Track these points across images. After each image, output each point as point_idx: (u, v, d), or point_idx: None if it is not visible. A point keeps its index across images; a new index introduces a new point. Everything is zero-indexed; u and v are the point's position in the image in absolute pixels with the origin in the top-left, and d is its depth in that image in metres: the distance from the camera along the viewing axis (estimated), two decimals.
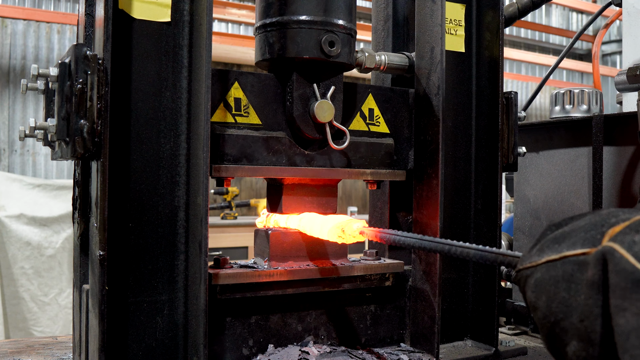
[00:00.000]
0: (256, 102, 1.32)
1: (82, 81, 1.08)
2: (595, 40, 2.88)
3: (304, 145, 1.36)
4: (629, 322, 0.54)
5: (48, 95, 1.26)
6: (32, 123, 1.17)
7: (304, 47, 1.29)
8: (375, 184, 1.48)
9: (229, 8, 7.42)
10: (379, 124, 1.48)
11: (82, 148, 1.08)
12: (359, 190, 8.28)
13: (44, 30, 6.44)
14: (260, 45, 1.34)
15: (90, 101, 1.08)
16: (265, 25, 1.32)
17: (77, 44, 1.10)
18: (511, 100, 1.52)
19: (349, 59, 1.35)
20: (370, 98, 1.47)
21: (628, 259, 0.55)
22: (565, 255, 0.61)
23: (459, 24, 1.55)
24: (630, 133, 1.90)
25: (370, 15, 1.71)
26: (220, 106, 1.28)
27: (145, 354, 1.20)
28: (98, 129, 1.08)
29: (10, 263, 4.15)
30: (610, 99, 9.16)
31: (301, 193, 1.40)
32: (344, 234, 1.22)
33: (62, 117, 1.10)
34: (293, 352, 1.32)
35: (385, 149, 1.46)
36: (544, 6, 10.51)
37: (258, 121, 1.32)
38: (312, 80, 1.33)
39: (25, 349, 1.48)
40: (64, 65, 1.11)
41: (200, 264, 1.16)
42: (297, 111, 1.32)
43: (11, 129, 6.28)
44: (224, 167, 1.26)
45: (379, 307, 1.48)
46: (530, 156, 2.01)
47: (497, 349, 1.48)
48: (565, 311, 0.59)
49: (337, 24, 1.31)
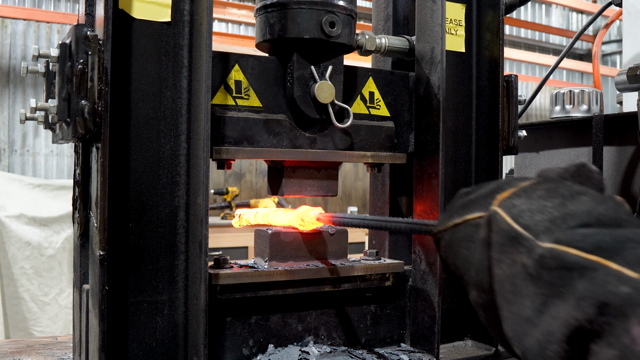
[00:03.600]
0: (257, 84, 1.32)
1: (83, 62, 1.07)
2: (596, 40, 2.88)
3: (305, 128, 1.36)
4: (504, 272, 0.63)
5: (49, 77, 1.26)
6: (32, 104, 1.16)
7: (305, 27, 1.28)
8: (376, 167, 1.48)
9: (229, 8, 7.43)
10: (379, 107, 1.48)
11: (83, 128, 1.07)
12: (359, 190, 8.28)
13: (44, 30, 6.44)
14: (261, 27, 1.34)
15: (91, 81, 1.07)
16: (265, 7, 1.32)
17: (77, 24, 1.10)
18: (511, 84, 1.52)
19: (350, 40, 1.35)
20: (370, 81, 1.47)
21: (506, 220, 0.64)
22: (466, 219, 0.71)
23: (459, 23, 1.55)
24: (630, 133, 1.90)
25: (370, 15, 1.71)
26: (220, 89, 1.28)
27: (146, 354, 1.20)
28: (99, 110, 1.08)
29: (10, 263, 4.15)
30: (610, 99, 9.16)
31: (302, 175, 1.40)
32: (304, 222, 1.33)
33: (63, 98, 1.10)
34: (293, 352, 1.32)
35: (386, 132, 1.46)
36: (544, 6, 10.51)
37: (259, 103, 1.32)
38: (313, 61, 1.33)
39: (25, 349, 1.48)
40: (64, 45, 1.11)
41: (201, 264, 1.16)
42: (298, 92, 1.32)
43: (11, 129, 6.28)
44: (224, 149, 1.26)
45: (379, 307, 1.48)
46: (530, 156, 2.01)
47: (497, 349, 1.48)
48: (467, 266, 0.70)
49: (337, 4, 1.30)
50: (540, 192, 0.65)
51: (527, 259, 0.60)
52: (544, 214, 0.62)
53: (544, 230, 0.61)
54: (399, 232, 0.97)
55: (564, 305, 0.55)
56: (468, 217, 0.70)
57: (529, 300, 0.59)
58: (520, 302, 0.60)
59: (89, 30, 1.08)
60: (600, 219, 0.60)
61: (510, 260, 0.62)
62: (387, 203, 1.60)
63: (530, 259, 0.60)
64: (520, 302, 0.60)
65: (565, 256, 0.57)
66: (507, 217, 0.64)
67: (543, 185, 0.67)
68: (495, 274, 0.64)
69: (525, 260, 0.61)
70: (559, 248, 0.58)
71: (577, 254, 0.56)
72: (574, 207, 0.62)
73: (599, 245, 0.56)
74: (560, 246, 0.58)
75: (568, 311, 0.55)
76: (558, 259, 0.58)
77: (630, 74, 1.87)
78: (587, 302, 0.53)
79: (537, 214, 0.63)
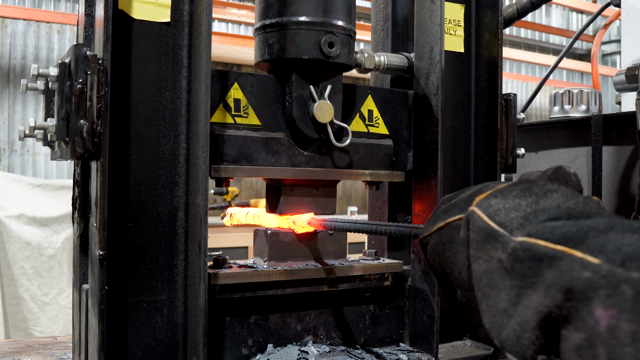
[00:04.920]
0: (256, 102, 1.32)
1: (82, 81, 1.08)
2: (595, 40, 2.88)
3: (304, 146, 1.36)
4: (481, 267, 0.66)
5: (48, 95, 1.26)
6: (31, 123, 1.17)
7: (304, 48, 1.29)
8: (374, 186, 1.48)
9: (229, 8, 7.43)
10: (378, 125, 1.48)
11: (82, 148, 1.08)
12: (359, 190, 8.28)
13: (44, 30, 6.44)
14: (260, 46, 1.34)
15: (90, 101, 1.08)
16: (264, 27, 1.32)
17: (77, 44, 1.11)
18: (510, 102, 1.52)
19: (349, 59, 1.36)
20: (369, 99, 1.47)
21: (482, 218, 0.67)
22: (448, 222, 0.73)
23: (458, 24, 1.55)
24: (629, 133, 1.90)
25: (369, 15, 1.71)
26: (219, 107, 1.29)
27: (145, 354, 1.20)
28: (98, 129, 1.08)
29: (10, 263, 4.15)
30: (609, 99, 9.16)
31: (300, 194, 1.40)
32: (294, 225, 1.36)
33: (62, 117, 1.10)
34: (292, 352, 1.32)
35: (385, 150, 1.46)
36: (544, 6, 10.51)
37: (257, 122, 1.32)
38: (312, 81, 1.34)
39: (25, 349, 1.48)
40: (63, 65, 1.11)
41: (200, 263, 1.16)
42: (297, 112, 1.33)
43: (11, 129, 6.28)
44: (223, 167, 1.26)
45: (378, 306, 1.48)
46: (529, 156, 2.01)
47: (496, 348, 1.48)
48: (451, 267, 0.72)
49: (336, 25, 1.31)
50: (516, 192, 0.68)
51: (502, 253, 0.63)
52: (519, 212, 0.65)
53: (518, 226, 0.63)
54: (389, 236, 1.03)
55: (535, 294, 0.57)
56: (449, 219, 0.73)
57: (504, 293, 0.62)
58: (496, 295, 0.63)
59: (88, 50, 1.08)
60: (569, 212, 0.63)
61: (487, 256, 0.65)
62: (387, 203, 1.60)
63: (504, 254, 0.63)
64: (496, 296, 0.63)
65: (535, 248, 0.60)
66: (484, 216, 0.67)
67: (519, 186, 0.69)
68: (473, 270, 0.67)
69: (501, 255, 0.63)
70: (530, 241, 0.61)
71: (546, 245, 0.59)
72: (546, 203, 0.65)
73: (565, 235, 0.58)
74: (531, 239, 0.61)
75: (539, 299, 0.57)
76: (529, 251, 0.60)
77: (629, 74, 1.88)
78: (555, 289, 0.55)
79: (512, 212, 0.65)
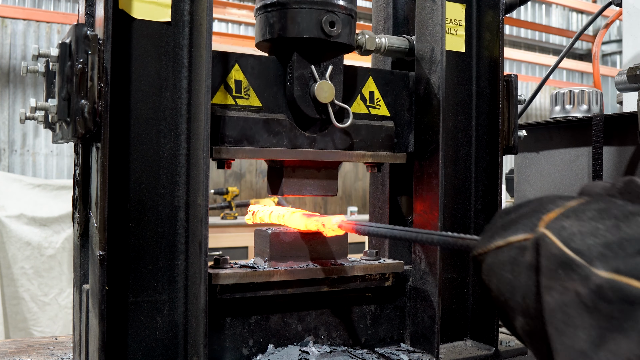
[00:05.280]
0: (257, 84, 1.32)
1: (83, 61, 1.07)
2: (596, 40, 2.88)
3: (305, 127, 1.36)
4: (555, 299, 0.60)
5: (49, 77, 1.26)
6: (32, 103, 1.16)
7: (305, 27, 1.28)
8: (376, 167, 1.48)
9: (229, 8, 7.43)
10: (379, 106, 1.48)
11: (83, 128, 1.08)
12: (359, 190, 8.28)
13: (44, 30, 6.44)
14: (261, 26, 1.34)
15: (91, 81, 1.07)
16: (265, 6, 1.32)
17: (77, 23, 1.10)
18: (511, 83, 1.52)
19: (350, 39, 1.35)
20: (370, 81, 1.47)
21: (556, 244, 0.61)
22: (509, 241, 0.67)
23: (459, 23, 1.55)
24: (630, 133, 1.90)
25: (370, 15, 1.71)
26: (220, 88, 1.28)
27: (145, 354, 1.20)
28: (99, 109, 1.08)
29: (10, 263, 4.15)
30: (610, 99, 9.16)
31: (301, 175, 1.40)
32: (324, 228, 1.30)
33: (63, 98, 1.10)
34: (293, 352, 1.32)
35: (386, 132, 1.46)
36: (544, 6, 10.51)
37: (258, 103, 1.32)
38: (313, 60, 1.33)
39: (25, 349, 1.48)
40: (64, 45, 1.11)
41: (200, 263, 1.16)
42: (298, 92, 1.32)
43: (11, 129, 6.28)
44: (224, 148, 1.26)
45: (379, 307, 1.48)
46: (530, 156, 2.01)
47: (497, 349, 1.48)
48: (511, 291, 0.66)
49: (337, 4, 1.30)
50: (591, 212, 0.62)
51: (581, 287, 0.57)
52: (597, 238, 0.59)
53: (598, 255, 0.58)
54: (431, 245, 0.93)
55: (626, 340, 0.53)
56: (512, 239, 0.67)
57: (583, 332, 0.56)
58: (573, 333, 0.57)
59: (89, 29, 1.08)
60: None
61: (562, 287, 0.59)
62: (387, 203, 1.60)
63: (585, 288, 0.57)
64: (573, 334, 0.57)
65: (627, 289, 0.54)
66: (557, 241, 0.61)
67: (593, 205, 0.63)
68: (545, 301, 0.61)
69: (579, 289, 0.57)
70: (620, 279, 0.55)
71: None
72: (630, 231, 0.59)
73: None
74: (621, 277, 0.55)
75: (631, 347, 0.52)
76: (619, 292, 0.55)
77: (630, 74, 1.87)
78: None
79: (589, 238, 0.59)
